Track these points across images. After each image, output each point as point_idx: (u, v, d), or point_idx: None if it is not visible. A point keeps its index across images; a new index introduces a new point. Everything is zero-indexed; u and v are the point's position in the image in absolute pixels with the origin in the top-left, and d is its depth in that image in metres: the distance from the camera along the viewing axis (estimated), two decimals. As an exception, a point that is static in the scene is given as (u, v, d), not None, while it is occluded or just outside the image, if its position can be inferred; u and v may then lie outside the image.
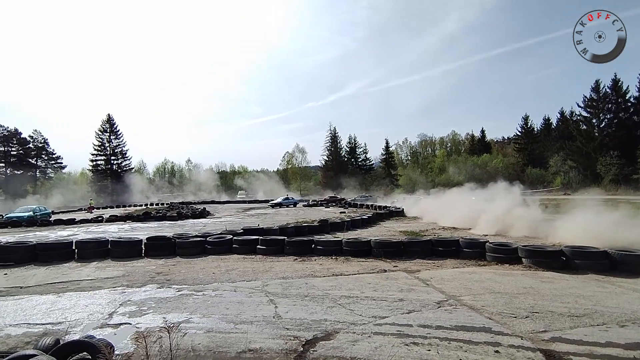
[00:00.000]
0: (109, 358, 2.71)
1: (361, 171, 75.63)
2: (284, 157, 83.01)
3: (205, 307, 5.72)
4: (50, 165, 64.88)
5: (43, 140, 63.17)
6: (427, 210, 21.48)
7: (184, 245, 10.74)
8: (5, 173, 58.73)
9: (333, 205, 39.41)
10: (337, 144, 78.09)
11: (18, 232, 19.13)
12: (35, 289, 7.18)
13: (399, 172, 76.56)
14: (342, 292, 6.48)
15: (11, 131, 59.26)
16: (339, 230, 15.96)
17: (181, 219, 24.96)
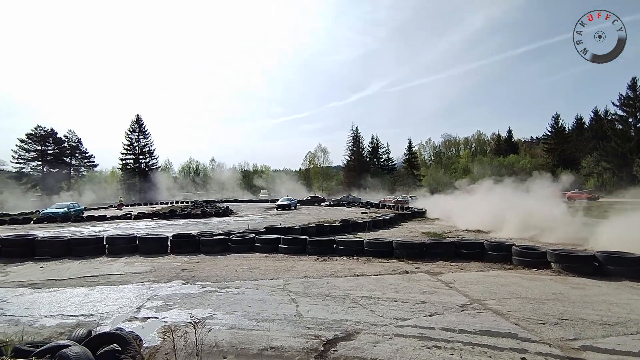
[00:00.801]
0: (138, 350, 2.82)
1: (383, 171, 75.02)
2: (306, 157, 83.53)
3: (228, 304, 5.83)
4: (83, 163, 67.77)
5: (77, 140, 66.12)
6: (450, 212, 21.04)
7: (208, 243, 10.98)
8: (42, 171, 61.76)
9: (354, 205, 39.29)
10: (360, 143, 77.76)
11: (53, 227, 20.09)
12: (69, 282, 7.53)
13: (422, 172, 75.42)
14: (363, 292, 6.46)
15: (48, 131, 62.29)
16: (361, 231, 15.89)
17: (205, 217, 25.51)
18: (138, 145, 67.95)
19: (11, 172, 61.00)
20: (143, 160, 68.46)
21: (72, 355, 2.57)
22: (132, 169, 67.75)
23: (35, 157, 61.33)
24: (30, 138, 60.75)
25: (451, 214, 20.51)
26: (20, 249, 10.42)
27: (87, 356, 2.63)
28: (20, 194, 54.82)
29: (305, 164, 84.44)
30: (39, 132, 61.42)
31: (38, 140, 61.34)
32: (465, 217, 17.87)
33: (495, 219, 15.43)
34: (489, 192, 20.95)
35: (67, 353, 2.60)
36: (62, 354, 2.60)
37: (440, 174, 71.28)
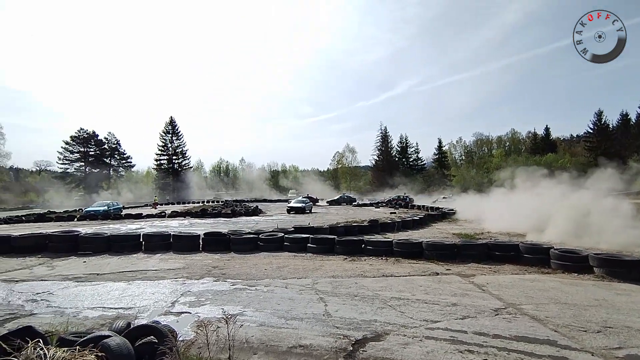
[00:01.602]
0: (174, 343, 2.92)
1: (412, 171, 73.76)
2: (334, 157, 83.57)
3: (257, 302, 5.93)
4: (121, 164, 71.13)
5: (116, 142, 69.52)
6: (483, 213, 20.36)
7: (238, 241, 11.22)
8: (84, 171, 65.40)
9: (383, 205, 38.88)
10: (388, 143, 76.89)
11: (95, 224, 21.19)
12: (109, 277, 7.93)
13: (452, 172, 73.51)
14: (392, 293, 6.38)
15: (90, 133, 65.93)
16: (389, 231, 15.71)
17: (235, 217, 26.07)
18: (171, 146, 70.46)
19: (57, 172, 65.19)
20: (176, 161, 70.90)
21: (113, 346, 2.71)
22: (165, 169, 70.33)
23: (79, 158, 65.04)
24: (74, 140, 64.52)
25: (484, 215, 19.85)
26: (65, 244, 11.10)
27: (126, 347, 2.77)
28: (64, 192, 58.41)
29: (333, 163, 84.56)
30: (82, 134, 65.12)
31: (81, 142, 65.03)
32: (499, 218, 17.24)
33: (536, 221, 14.62)
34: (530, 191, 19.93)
35: (108, 343, 2.74)
36: (104, 344, 2.74)
37: (472, 173, 69.20)
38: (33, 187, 61.02)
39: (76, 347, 2.83)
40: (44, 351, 2.60)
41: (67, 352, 2.69)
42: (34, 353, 2.59)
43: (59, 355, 2.60)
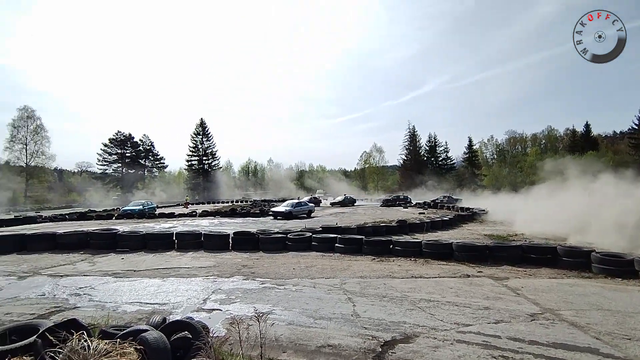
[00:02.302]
0: (207, 339, 3.02)
1: (442, 170, 72.14)
2: (362, 157, 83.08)
3: (286, 301, 6.00)
4: (155, 165, 73.88)
5: (150, 144, 72.32)
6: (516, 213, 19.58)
7: (267, 241, 11.39)
8: (121, 172, 68.48)
9: (411, 205, 38.28)
10: (416, 142, 75.59)
11: (131, 223, 22.15)
12: (145, 273, 8.27)
13: (484, 171, 71.23)
14: (421, 295, 6.28)
15: (126, 136, 69.02)
16: (418, 232, 15.45)
17: (263, 216, 26.44)
18: (202, 148, 72.43)
19: (96, 173, 68.57)
20: (206, 162, 72.81)
21: (151, 340, 2.83)
22: (196, 169, 72.38)
23: (116, 160, 68.19)
24: (111, 142, 67.71)
25: (517, 216, 19.09)
26: (105, 241, 11.70)
27: (163, 341, 2.89)
28: (103, 192, 61.43)
29: (360, 163, 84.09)
30: (119, 137, 68.25)
31: (118, 145, 68.16)
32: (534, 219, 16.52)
33: (578, 223, 13.81)
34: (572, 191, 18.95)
35: (146, 337, 2.87)
36: (142, 338, 2.87)
37: (504, 172, 66.75)
38: (75, 187, 64.50)
39: (117, 339, 2.97)
40: (87, 343, 2.75)
41: (108, 344, 2.84)
42: (79, 345, 2.75)
43: (101, 347, 2.75)
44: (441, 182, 64.67)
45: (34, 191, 55.09)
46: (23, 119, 53.69)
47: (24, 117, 53.74)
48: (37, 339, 3.09)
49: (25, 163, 53.77)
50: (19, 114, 53.68)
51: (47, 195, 56.00)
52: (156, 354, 2.77)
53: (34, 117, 54.59)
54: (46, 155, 55.71)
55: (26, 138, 53.68)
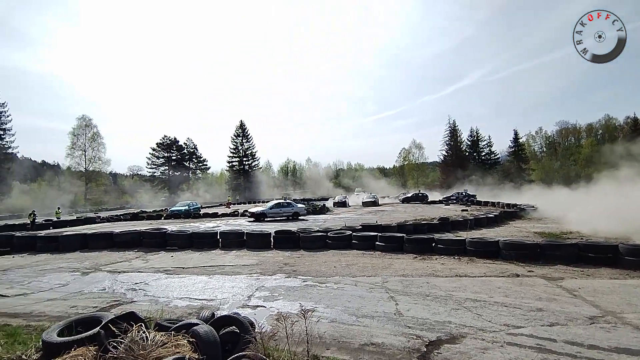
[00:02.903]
0: (254, 335, 3.13)
1: (485, 166, 69.04)
2: (400, 154, 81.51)
3: (328, 299, 6.05)
4: (198, 167, 77.01)
5: (193, 146, 75.51)
6: (569, 210, 18.33)
7: (307, 239, 11.53)
8: (168, 174, 72.15)
9: (454, 202, 37.07)
10: (457, 137, 72.84)
11: (178, 222, 23.31)
12: (192, 270, 8.68)
13: (532, 165, 67.30)
14: (467, 294, 6.07)
15: (172, 140, 72.58)
16: (461, 229, 14.94)
17: (303, 215, 26.75)
18: (242, 149, 74.52)
19: (146, 175, 72.81)
20: (246, 162, 74.83)
21: (202, 333, 2.98)
22: (237, 170, 74.61)
23: (163, 163, 71.90)
24: (159, 146, 71.48)
25: (571, 212, 17.87)
26: (156, 240, 12.42)
27: (213, 334, 3.03)
28: (152, 194, 65.23)
29: (399, 160, 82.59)
30: (165, 141, 71.94)
31: (165, 148, 71.84)
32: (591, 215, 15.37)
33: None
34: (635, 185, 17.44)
35: (198, 330, 3.02)
36: (194, 331, 3.03)
37: (556, 166, 62.69)
38: (127, 190, 68.95)
39: (171, 332, 3.16)
40: (146, 334, 2.95)
41: (164, 336, 3.03)
42: (138, 335, 2.95)
43: (158, 339, 2.93)
44: (485, 178, 61.90)
45: (92, 194, 59.59)
46: (82, 127, 58.30)
47: (82, 125, 58.33)
48: (100, 330, 3.35)
49: (85, 168, 58.33)
50: (78, 122, 58.37)
51: (103, 197, 60.38)
52: (207, 347, 2.91)
53: (91, 125, 59.11)
54: (102, 160, 60.18)
55: (85, 145, 58.22)
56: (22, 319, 5.36)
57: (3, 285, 7.71)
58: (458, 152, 71.61)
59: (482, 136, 73.20)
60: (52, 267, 9.67)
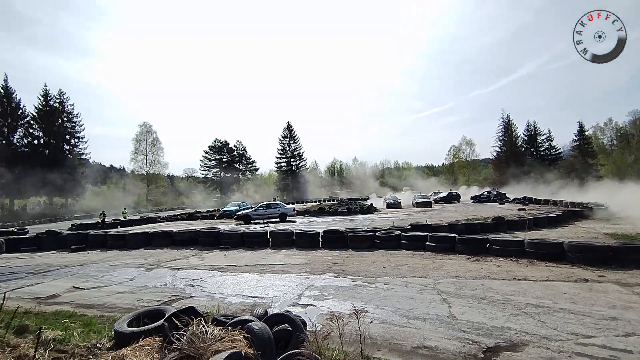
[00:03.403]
0: (306, 333, 3.18)
1: (544, 162, 64.23)
2: (450, 151, 78.44)
3: (378, 299, 5.98)
4: (247, 168, 79.86)
5: (243, 148, 78.46)
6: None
7: (355, 239, 11.48)
8: (220, 176, 75.57)
9: (509, 201, 34.98)
10: (512, 132, 68.51)
11: (230, 222, 24.31)
12: (244, 268, 9.01)
13: (601, 160, 61.47)
14: (527, 299, 5.70)
15: (223, 142, 76.00)
16: (518, 230, 14.04)
17: (350, 215, 26.71)
18: (289, 150, 76.03)
19: (199, 177, 76.78)
20: (294, 163, 76.21)
21: (257, 329, 3.08)
22: (285, 171, 76.26)
23: (215, 165, 75.47)
24: (211, 149, 75.16)
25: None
26: (210, 239, 13.06)
27: (267, 331, 3.12)
28: (206, 194, 68.71)
29: (448, 158, 79.52)
30: (216, 144, 75.49)
31: (216, 151, 75.40)
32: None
33: None
34: None
35: (252, 327, 3.13)
36: (249, 327, 3.14)
37: (629, 160, 56.76)
38: (183, 191, 73.24)
39: (227, 327, 3.31)
40: (205, 328, 3.12)
41: (221, 330, 3.18)
42: (198, 329, 3.12)
43: (216, 333, 3.08)
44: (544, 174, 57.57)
45: (153, 195, 64.11)
46: (143, 133, 63.03)
47: (143, 131, 63.08)
48: (164, 323, 3.59)
49: (146, 171, 62.99)
50: (140, 129, 63.20)
51: (162, 198, 64.65)
52: (261, 343, 3.00)
53: (151, 131, 63.79)
54: (161, 163, 64.73)
55: (146, 149, 62.91)
56: (96, 310, 5.90)
57: (80, 279, 8.54)
58: (513, 147, 67.37)
59: (541, 130, 68.27)
60: (121, 262, 10.54)
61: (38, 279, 8.80)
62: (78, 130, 53.49)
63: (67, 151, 52.04)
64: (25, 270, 10.05)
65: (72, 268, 10.03)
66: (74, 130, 52.90)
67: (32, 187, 44.94)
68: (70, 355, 3.56)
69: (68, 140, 52.29)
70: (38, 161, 46.05)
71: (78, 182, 51.62)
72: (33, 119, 48.87)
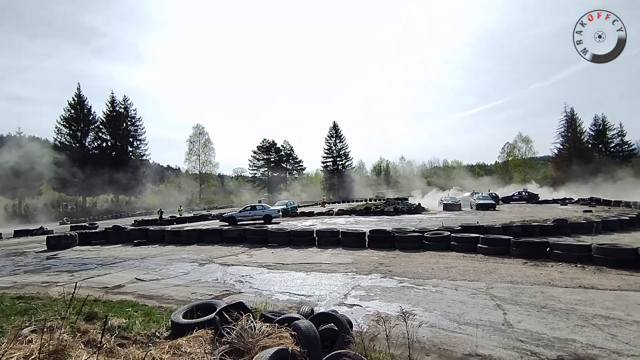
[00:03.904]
0: (352, 333, 3.16)
1: (615, 159, 58.38)
2: (504, 149, 74.08)
3: (426, 302, 5.80)
4: (294, 167, 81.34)
5: (290, 148, 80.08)
6: None
7: (402, 239, 11.23)
8: (267, 175, 77.71)
9: (572, 202, 32.32)
10: (576, 127, 63.12)
11: (277, 220, 24.89)
12: (291, 267, 9.16)
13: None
14: (595, 309, 5.21)
15: (270, 143, 78.11)
16: (584, 233, 12.88)
17: (397, 214, 26.19)
18: (335, 149, 76.34)
19: (248, 177, 79.46)
20: (340, 162, 76.42)
21: (303, 327, 3.12)
22: (331, 170, 76.67)
23: (263, 164, 77.71)
24: (259, 149, 77.50)
25: None
26: (258, 237, 13.46)
27: (313, 330, 3.14)
28: (254, 193, 71.04)
29: (502, 156, 75.11)
30: (264, 144, 77.71)
31: (264, 151, 77.62)
32: None
33: None
34: None
35: (299, 324, 3.17)
36: (296, 325, 3.19)
37: None
38: (233, 190, 76.32)
39: (275, 324, 3.38)
40: (254, 324, 3.21)
41: (269, 327, 3.25)
42: (247, 324, 3.22)
43: (264, 329, 3.16)
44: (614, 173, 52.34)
45: (205, 194, 67.51)
46: (196, 135, 66.59)
47: (197, 133, 66.64)
48: (216, 316, 3.75)
49: (199, 171, 66.50)
50: (194, 130, 66.86)
51: (213, 197, 67.86)
52: (307, 341, 3.03)
53: (203, 133, 67.22)
54: (212, 163, 68.04)
55: (199, 150, 66.42)
56: (155, 301, 6.32)
57: (141, 271, 9.20)
58: (577, 144, 62.09)
59: (611, 124, 62.21)
60: (177, 257, 11.21)
61: (106, 270, 9.62)
62: (140, 133, 57.80)
63: (131, 152, 56.42)
64: (94, 261, 11.04)
65: (134, 261, 10.85)
66: (136, 133, 57.23)
67: (101, 186, 49.25)
68: (133, 342, 3.83)
69: (131, 142, 56.68)
70: (106, 162, 50.48)
71: (140, 181, 55.82)
72: (102, 123, 53.57)
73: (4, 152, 42.73)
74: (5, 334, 3.77)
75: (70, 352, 3.18)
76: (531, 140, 70.27)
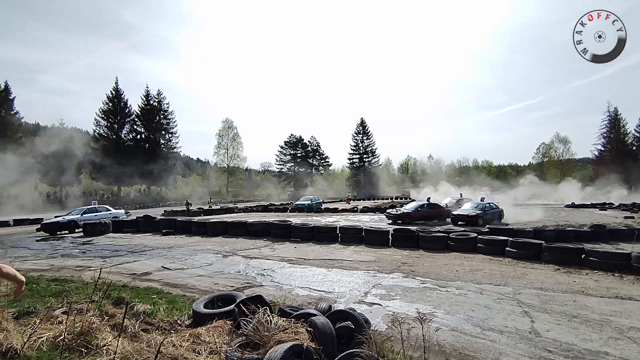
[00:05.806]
0: (369, 333, 3.11)
1: (662, 162, 54.58)
2: (539, 149, 70.90)
3: (449, 304, 5.64)
4: (321, 163, 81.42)
5: (317, 144, 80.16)
6: None
7: (427, 239, 11.00)
8: (294, 170, 78.24)
9: (613, 207, 30.55)
10: (619, 128, 59.39)
11: (301, 216, 25.05)
12: (313, 262, 9.18)
13: None
14: (632, 322, 4.89)
15: (297, 138, 78.50)
16: (624, 240, 12.14)
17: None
18: (362, 146, 75.75)
19: (275, 171, 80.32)
20: (366, 159, 75.79)
21: (319, 324, 3.10)
22: (357, 167, 76.18)
23: (290, 159, 78.28)
24: (286, 144, 78.10)
25: None
26: (282, 231, 13.58)
27: (329, 327, 3.11)
28: (280, 188, 71.78)
29: (537, 157, 71.91)
30: (291, 139, 78.20)
31: (291, 146, 78.14)
32: None
33: None
34: None
35: (315, 321, 3.15)
36: (312, 321, 3.17)
37: None
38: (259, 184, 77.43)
39: (292, 319, 3.38)
40: (270, 318, 3.22)
41: (285, 321, 3.26)
42: (264, 318, 3.24)
43: (280, 323, 3.17)
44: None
45: (232, 187, 68.83)
46: (225, 129, 67.93)
47: (225, 127, 67.98)
48: (234, 308, 3.80)
49: (227, 165, 67.87)
50: (223, 125, 68.29)
51: (240, 190, 69.11)
52: (323, 338, 3.00)
53: (232, 127, 68.48)
54: (240, 157, 69.19)
55: (227, 144, 67.75)
56: (179, 289, 6.50)
57: (168, 260, 9.50)
58: (620, 145, 58.48)
59: (659, 126, 57.99)
60: (202, 248, 11.49)
61: (135, 257, 10.01)
62: (172, 126, 59.52)
63: (163, 145, 58.24)
64: (125, 248, 11.52)
65: (162, 250, 11.22)
66: (168, 126, 58.97)
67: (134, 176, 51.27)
68: (156, 328, 3.95)
69: (164, 135, 58.46)
70: (139, 153, 52.41)
71: (170, 173, 57.63)
72: (137, 116, 55.60)
73: (47, 142, 45.22)
74: (38, 314, 3.99)
75: (96, 334, 3.32)
76: (569, 141, 66.93)
